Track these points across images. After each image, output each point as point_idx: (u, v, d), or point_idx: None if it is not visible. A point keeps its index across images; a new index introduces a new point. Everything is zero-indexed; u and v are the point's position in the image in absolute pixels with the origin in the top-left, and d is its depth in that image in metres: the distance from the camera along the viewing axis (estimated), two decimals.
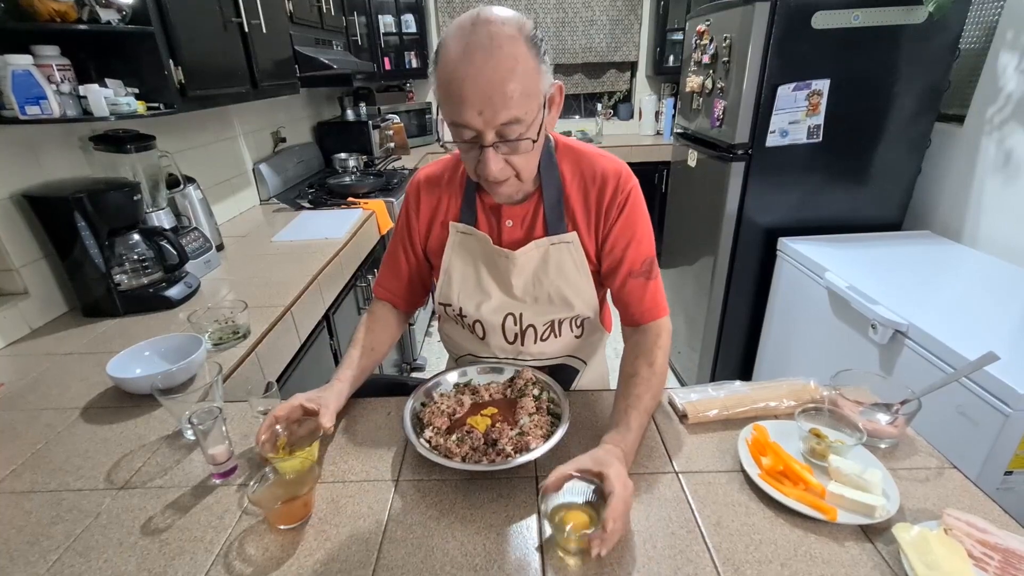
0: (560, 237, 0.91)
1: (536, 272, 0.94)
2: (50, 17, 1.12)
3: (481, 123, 0.72)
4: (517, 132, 0.74)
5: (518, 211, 0.93)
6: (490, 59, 0.69)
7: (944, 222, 1.97)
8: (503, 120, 0.72)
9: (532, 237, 0.92)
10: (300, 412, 0.82)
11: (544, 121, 0.79)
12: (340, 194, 2.41)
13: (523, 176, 0.82)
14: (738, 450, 0.79)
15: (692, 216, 2.37)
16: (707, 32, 2.09)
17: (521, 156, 0.79)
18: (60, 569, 0.64)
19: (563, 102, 0.83)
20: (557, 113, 0.82)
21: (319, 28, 2.43)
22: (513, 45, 0.70)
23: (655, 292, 0.91)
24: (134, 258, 1.33)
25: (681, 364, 2.55)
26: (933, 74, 1.80)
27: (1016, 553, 0.60)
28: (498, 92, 0.70)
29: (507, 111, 0.71)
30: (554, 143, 0.93)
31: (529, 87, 0.72)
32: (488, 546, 0.66)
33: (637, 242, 0.90)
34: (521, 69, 0.70)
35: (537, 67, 0.73)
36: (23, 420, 0.94)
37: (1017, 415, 1.07)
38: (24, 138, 1.26)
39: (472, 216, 0.95)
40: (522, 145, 0.76)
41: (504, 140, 0.75)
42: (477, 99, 0.70)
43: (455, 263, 0.98)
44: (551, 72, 0.77)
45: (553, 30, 3.84)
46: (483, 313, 0.98)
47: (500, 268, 0.95)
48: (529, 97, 0.72)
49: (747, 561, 0.63)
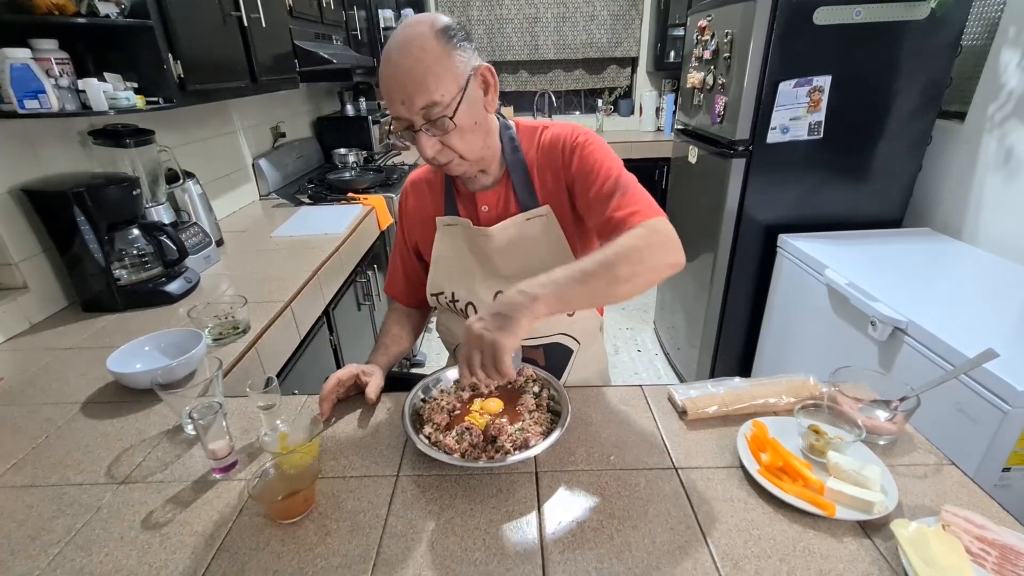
0: (534, 212, 0.97)
1: (515, 247, 0.98)
2: (48, 10, 1.12)
3: (405, 111, 0.81)
4: (438, 113, 0.81)
5: (491, 196, 0.99)
6: (401, 54, 0.79)
7: (944, 219, 1.97)
8: (421, 104, 0.80)
9: (508, 216, 0.98)
10: (355, 378, 0.93)
11: (475, 102, 0.85)
12: (340, 189, 2.41)
13: (466, 155, 0.88)
14: (737, 446, 0.79)
15: (692, 213, 2.37)
16: (708, 28, 2.08)
17: (455, 136, 0.85)
18: (61, 563, 0.65)
19: (497, 83, 0.88)
20: (495, 94, 0.88)
21: (319, 22, 2.42)
22: (421, 40, 0.78)
23: (628, 202, 0.85)
24: (134, 253, 1.32)
25: (680, 360, 2.56)
26: (934, 71, 1.80)
27: (1014, 549, 0.61)
28: (410, 80, 0.79)
29: (422, 96, 0.79)
30: (515, 127, 0.99)
31: (439, 71, 0.79)
32: (488, 541, 0.66)
33: (597, 172, 0.89)
34: (430, 57, 0.78)
35: (449, 53, 0.80)
36: (23, 415, 0.94)
37: (1015, 412, 1.07)
38: (23, 132, 1.26)
39: (453, 208, 1.03)
40: (446, 124, 0.82)
41: (431, 122, 0.82)
42: (398, 91, 0.80)
43: (442, 252, 1.05)
44: (475, 57, 0.84)
45: (554, 25, 3.83)
46: (475, 292, 1.02)
47: (482, 248, 1.00)
48: (440, 80, 0.79)
49: (746, 556, 0.63)
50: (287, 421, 0.89)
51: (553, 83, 4.07)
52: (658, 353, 2.80)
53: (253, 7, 1.73)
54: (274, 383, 0.84)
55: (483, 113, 0.88)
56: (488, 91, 0.87)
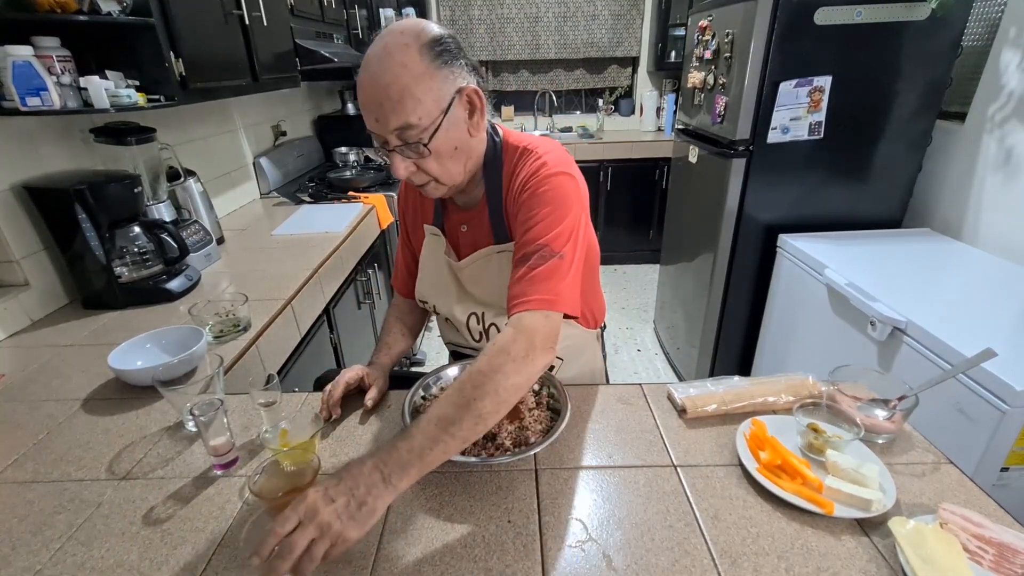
0: (505, 246, 0.92)
1: (486, 279, 0.97)
2: (50, 8, 1.12)
3: (379, 128, 0.75)
4: (414, 136, 0.75)
5: (471, 216, 0.96)
6: (380, 67, 0.72)
7: (944, 220, 1.97)
8: (394, 125, 0.73)
9: (481, 243, 0.95)
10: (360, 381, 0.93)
11: (457, 124, 0.78)
12: (340, 188, 2.41)
13: (443, 181, 0.83)
14: (736, 444, 0.79)
15: (692, 212, 2.37)
16: (709, 27, 2.09)
17: (431, 161, 0.78)
18: (62, 558, 0.65)
19: (484, 106, 0.80)
20: (481, 118, 0.81)
21: (320, 21, 2.42)
22: (404, 53, 0.71)
23: (532, 280, 0.76)
24: (135, 250, 1.33)
25: (680, 360, 2.56)
26: (935, 71, 1.80)
27: (1011, 547, 0.61)
28: (385, 98, 0.72)
29: (396, 117, 0.73)
30: (502, 143, 0.90)
31: (419, 93, 0.72)
32: (488, 537, 0.66)
33: (532, 225, 0.80)
34: (409, 76, 0.71)
35: (431, 73, 0.72)
36: (24, 411, 0.95)
37: (1014, 412, 1.08)
38: (24, 129, 1.26)
39: (440, 219, 1.00)
40: (419, 149, 0.76)
41: (405, 143, 0.76)
42: (372, 106, 0.73)
43: (427, 262, 1.04)
44: (462, 76, 0.76)
45: (555, 25, 3.83)
46: (451, 310, 1.02)
47: (455, 273, 1.00)
48: (419, 103, 0.72)
49: (744, 553, 0.64)
50: (288, 418, 0.89)
51: (554, 83, 4.07)
52: (658, 353, 2.80)
53: (254, 5, 1.73)
54: (275, 380, 0.85)
55: (465, 137, 0.81)
56: (473, 114, 0.80)
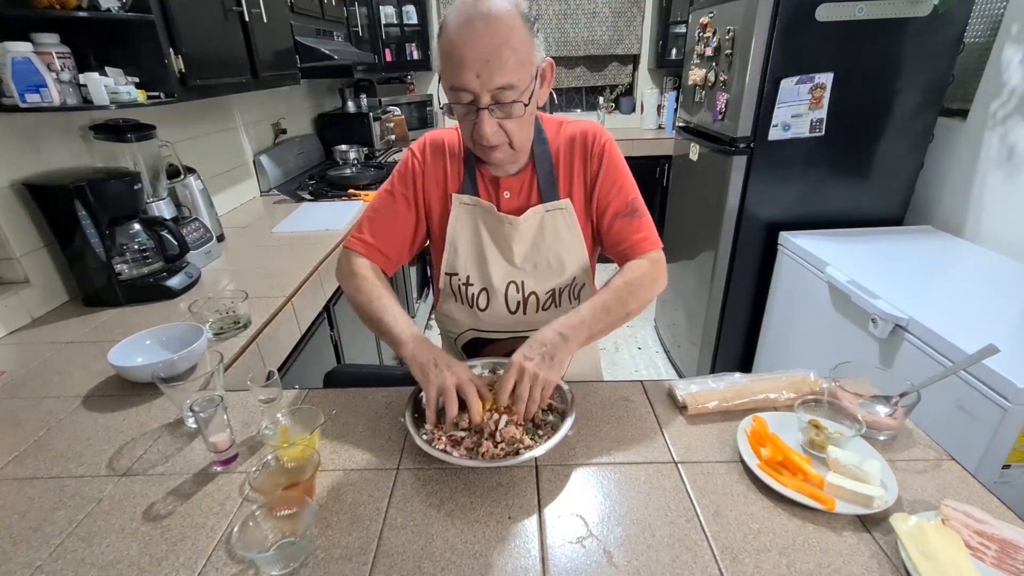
0: (554, 204, 0.98)
1: (535, 239, 0.99)
2: (50, 4, 1.12)
3: (478, 85, 0.78)
4: (511, 97, 0.80)
5: (514, 183, 0.99)
6: (488, 27, 0.76)
7: (946, 217, 1.97)
8: (498, 84, 0.78)
9: (529, 206, 0.99)
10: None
11: (535, 92, 0.85)
12: (341, 186, 2.41)
13: (515, 144, 0.88)
14: (737, 441, 0.79)
15: (693, 210, 2.37)
16: (710, 24, 2.08)
17: (514, 122, 0.85)
18: (62, 554, 0.65)
19: (553, 80, 0.89)
20: (548, 89, 0.90)
21: (320, 18, 2.42)
22: (510, 18, 0.77)
23: (640, 227, 0.96)
24: (135, 248, 1.32)
25: (681, 357, 2.56)
26: (937, 68, 1.79)
27: (1013, 543, 0.61)
28: (495, 56, 0.76)
29: (502, 75, 0.77)
30: (540, 118, 1.00)
31: (523, 56, 0.79)
32: (488, 534, 0.66)
33: (619, 186, 0.97)
34: (516, 39, 0.77)
35: (530, 40, 0.80)
36: (25, 408, 0.95)
37: (1016, 409, 1.07)
38: (24, 126, 1.26)
39: (473, 188, 1.00)
40: (515, 109, 0.82)
41: (498, 103, 0.81)
42: (475, 62, 0.77)
43: (460, 233, 1.02)
44: (543, 48, 0.84)
45: (555, 22, 3.82)
46: (489, 280, 1.01)
47: (502, 236, 0.99)
48: (522, 65, 0.79)
49: (745, 550, 0.63)
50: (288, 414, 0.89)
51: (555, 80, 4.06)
52: (658, 351, 2.79)
53: (254, 2, 1.73)
54: (275, 377, 0.84)
55: (535, 105, 0.89)
56: (543, 85, 0.88)
